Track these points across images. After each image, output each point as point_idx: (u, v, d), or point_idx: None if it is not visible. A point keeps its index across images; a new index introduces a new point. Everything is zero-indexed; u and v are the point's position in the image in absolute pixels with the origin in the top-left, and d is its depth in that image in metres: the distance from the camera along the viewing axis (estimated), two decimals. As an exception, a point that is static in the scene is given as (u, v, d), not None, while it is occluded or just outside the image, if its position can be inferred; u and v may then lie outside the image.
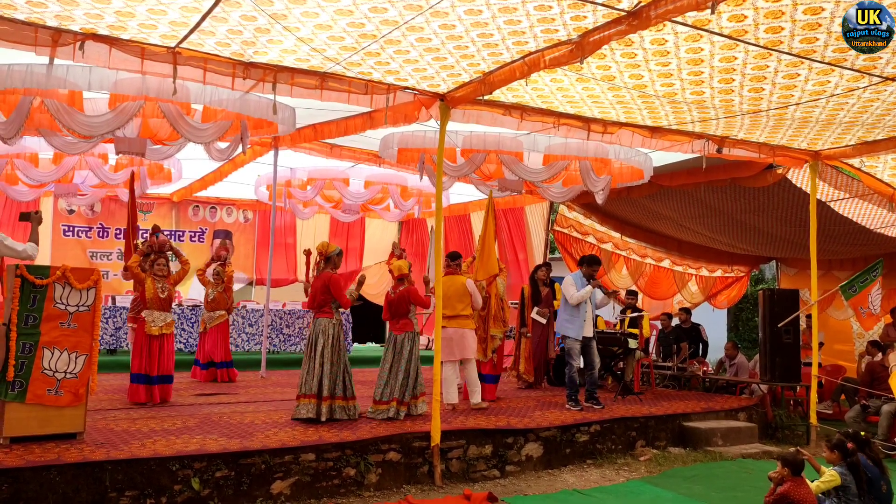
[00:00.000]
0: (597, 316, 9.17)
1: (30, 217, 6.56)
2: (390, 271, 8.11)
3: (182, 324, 12.53)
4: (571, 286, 8.86)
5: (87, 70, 6.59)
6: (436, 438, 6.77)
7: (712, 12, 4.90)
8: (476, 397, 8.45)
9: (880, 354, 9.93)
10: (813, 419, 9.06)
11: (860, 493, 5.65)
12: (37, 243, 6.39)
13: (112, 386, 9.43)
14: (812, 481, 5.56)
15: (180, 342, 12.33)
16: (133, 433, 6.34)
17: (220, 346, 10.41)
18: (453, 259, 8.81)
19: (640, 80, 6.59)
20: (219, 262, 10.57)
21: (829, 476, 5.63)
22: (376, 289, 16.49)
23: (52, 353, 5.97)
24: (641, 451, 8.32)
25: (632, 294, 11.88)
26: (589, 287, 8.81)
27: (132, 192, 9.96)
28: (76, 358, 6.08)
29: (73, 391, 6.02)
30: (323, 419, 7.06)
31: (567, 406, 8.69)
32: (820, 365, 9.36)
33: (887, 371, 9.05)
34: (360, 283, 7.71)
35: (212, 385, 9.96)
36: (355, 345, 15.80)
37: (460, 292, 8.37)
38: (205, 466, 5.70)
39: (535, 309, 10.34)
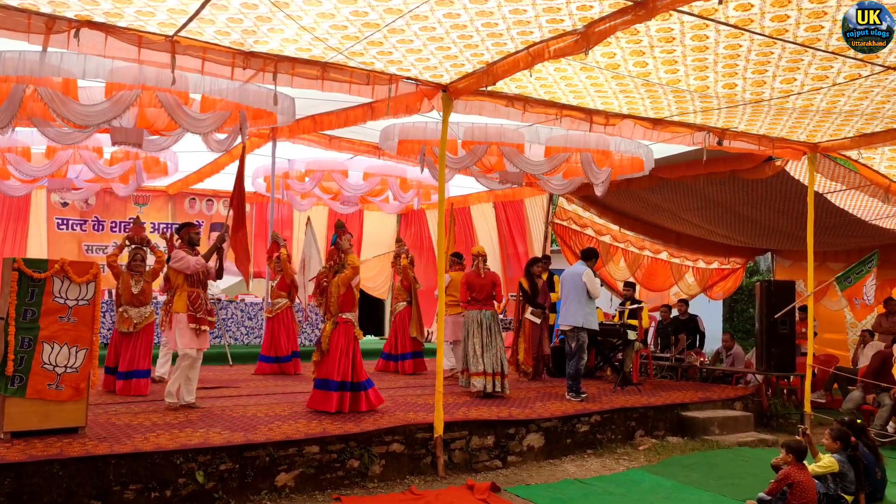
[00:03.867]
0: (592, 309, 9.18)
1: None
2: (473, 254, 9.44)
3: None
4: (595, 280, 9.15)
5: (82, 57, 6.44)
6: (438, 430, 6.77)
7: (720, 2, 4.88)
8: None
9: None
10: (807, 408, 9.13)
11: (857, 480, 5.73)
12: None
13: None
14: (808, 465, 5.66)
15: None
16: (135, 427, 6.29)
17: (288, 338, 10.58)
18: (459, 258, 10.61)
19: (644, 69, 6.56)
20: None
21: (827, 462, 5.73)
22: (375, 282, 16.46)
23: (52, 348, 5.91)
24: (640, 441, 8.38)
25: (629, 286, 11.90)
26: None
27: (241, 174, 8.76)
28: (76, 352, 6.02)
29: (73, 385, 5.97)
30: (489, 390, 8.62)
31: (568, 396, 8.69)
32: (813, 355, 9.43)
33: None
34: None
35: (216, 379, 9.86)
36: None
37: (457, 285, 9.72)
38: (209, 459, 5.67)
39: (530, 310, 10.33)
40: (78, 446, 5.50)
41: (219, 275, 7.76)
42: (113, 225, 14.17)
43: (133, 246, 8.59)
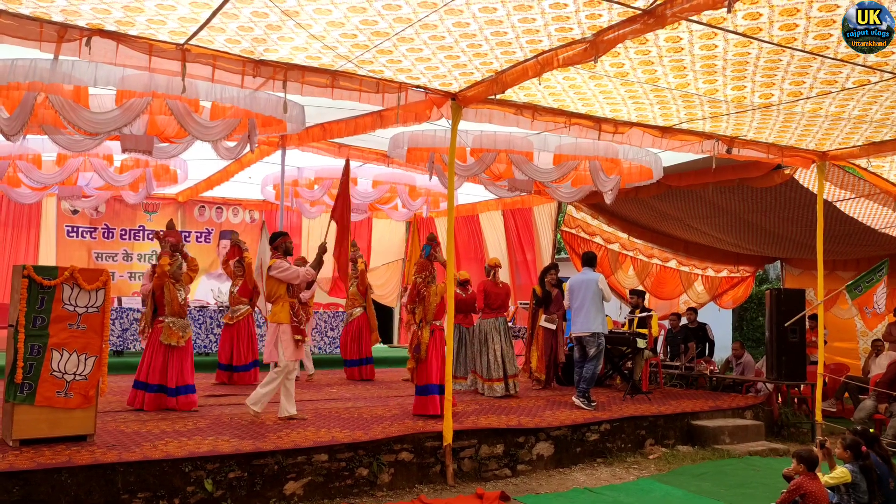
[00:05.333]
0: (605, 315, 9.26)
1: None
2: (490, 265, 9.81)
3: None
4: (607, 285, 9.28)
5: (93, 65, 6.44)
6: (448, 438, 6.76)
7: (728, 11, 4.88)
8: None
9: None
10: (818, 417, 9.07)
11: (870, 491, 5.68)
12: None
13: (121, 388, 9.32)
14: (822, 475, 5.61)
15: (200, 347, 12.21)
16: (144, 435, 6.30)
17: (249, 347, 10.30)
18: None
19: (653, 75, 6.56)
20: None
21: (840, 473, 5.68)
22: (384, 289, 16.42)
23: (61, 355, 5.92)
24: (651, 450, 8.34)
25: (638, 294, 11.85)
26: None
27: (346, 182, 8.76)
28: (85, 359, 6.03)
29: (82, 393, 5.97)
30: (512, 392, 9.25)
31: (577, 402, 8.66)
32: (823, 363, 9.38)
33: None
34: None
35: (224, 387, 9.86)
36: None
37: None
38: (217, 467, 5.67)
39: (544, 316, 10.32)
40: (86, 454, 5.51)
41: (308, 285, 7.91)
42: (123, 233, 14.22)
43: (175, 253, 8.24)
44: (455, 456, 6.88)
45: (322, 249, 7.67)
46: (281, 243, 7.56)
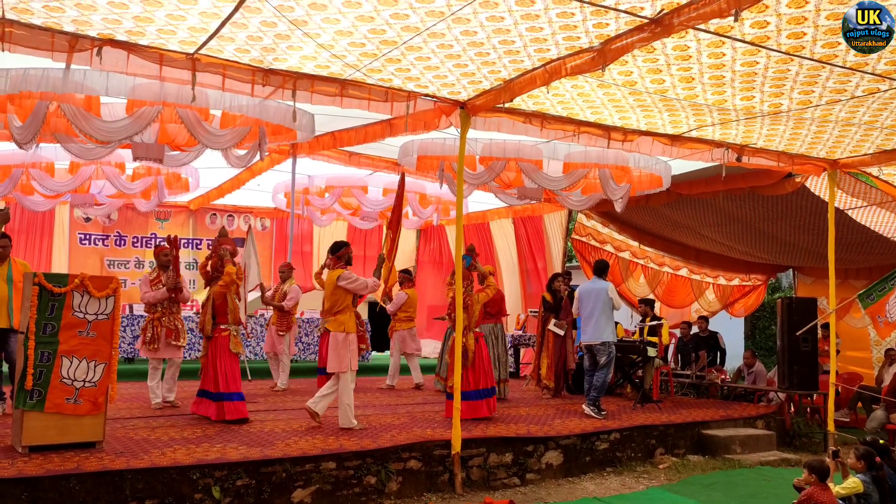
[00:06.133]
0: (617, 323, 9.25)
1: None
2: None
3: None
4: (617, 293, 9.29)
5: (104, 75, 6.51)
6: (456, 446, 6.73)
7: (735, 20, 4.87)
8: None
9: None
10: (830, 427, 8.99)
11: (882, 502, 5.63)
12: None
13: (130, 394, 9.42)
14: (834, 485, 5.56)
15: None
16: (153, 442, 6.32)
17: None
18: (409, 275, 11.70)
19: (661, 85, 6.55)
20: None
21: (852, 483, 5.64)
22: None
23: (71, 362, 5.95)
24: (661, 459, 8.29)
25: (648, 302, 11.80)
26: None
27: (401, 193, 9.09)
28: (95, 366, 6.05)
29: (92, 400, 6.00)
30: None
31: (587, 411, 8.63)
32: (836, 373, 9.30)
33: None
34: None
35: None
36: (374, 353, 15.67)
37: (412, 302, 11.08)
38: (225, 475, 5.68)
39: (553, 321, 10.30)
40: (95, 461, 5.52)
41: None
42: (135, 240, 14.31)
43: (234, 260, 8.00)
44: (463, 464, 6.85)
45: (382, 259, 7.89)
46: (344, 254, 7.52)
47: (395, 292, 11.24)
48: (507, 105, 7.05)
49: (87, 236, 14.01)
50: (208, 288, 7.86)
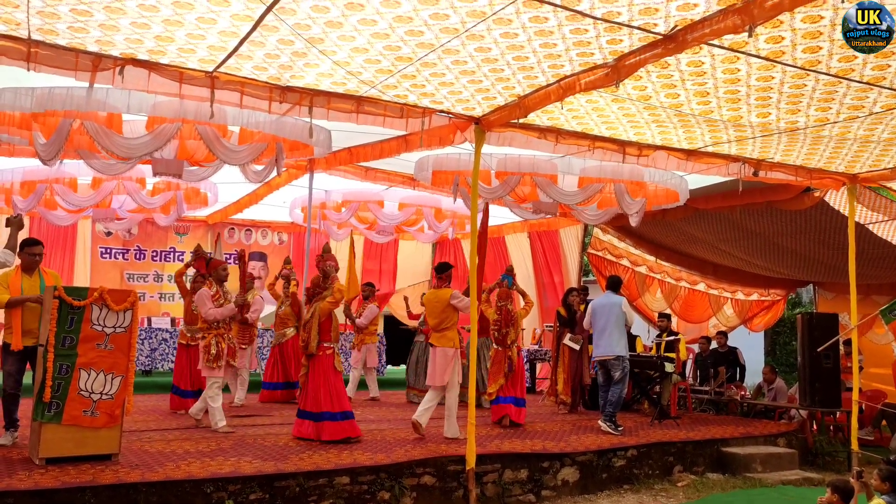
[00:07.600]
0: (636, 336, 9.23)
1: (9, 222, 6.73)
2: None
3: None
4: (630, 308, 9.34)
5: (125, 93, 6.64)
6: (471, 462, 6.70)
7: (749, 35, 4.85)
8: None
9: None
10: (854, 445, 8.84)
11: (907, 525, 5.52)
12: (14, 249, 6.65)
13: (147, 407, 9.49)
14: None
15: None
16: (168, 455, 6.36)
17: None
18: (372, 288, 11.60)
19: (676, 100, 6.54)
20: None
21: None
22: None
23: (89, 375, 6.02)
24: (679, 477, 8.20)
25: (665, 317, 11.73)
26: None
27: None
28: (112, 379, 6.12)
29: (108, 412, 6.06)
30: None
31: (603, 426, 8.58)
32: (860, 390, 9.16)
33: None
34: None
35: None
36: (389, 367, 15.70)
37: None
38: (239, 489, 5.70)
39: (568, 336, 10.26)
40: (110, 473, 5.57)
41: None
42: (154, 254, 14.45)
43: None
44: (478, 480, 6.82)
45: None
46: (448, 275, 8.19)
47: (365, 307, 11.29)
48: (521, 120, 7.07)
49: (108, 250, 14.17)
50: (312, 304, 7.60)
